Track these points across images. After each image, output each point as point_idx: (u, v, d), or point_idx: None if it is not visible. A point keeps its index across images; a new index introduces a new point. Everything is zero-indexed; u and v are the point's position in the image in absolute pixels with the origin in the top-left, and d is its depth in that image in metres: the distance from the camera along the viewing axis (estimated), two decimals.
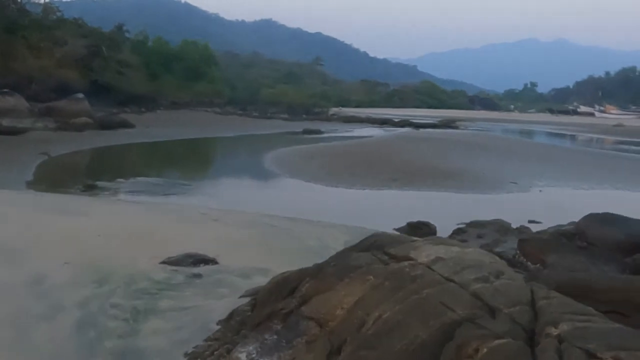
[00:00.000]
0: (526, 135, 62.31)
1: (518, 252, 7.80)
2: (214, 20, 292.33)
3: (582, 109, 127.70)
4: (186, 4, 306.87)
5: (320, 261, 7.29)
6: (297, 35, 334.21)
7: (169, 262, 6.48)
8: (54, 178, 18.59)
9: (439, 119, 74.16)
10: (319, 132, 48.56)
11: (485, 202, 17.32)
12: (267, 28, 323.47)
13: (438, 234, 12.37)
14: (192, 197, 16.06)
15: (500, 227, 11.38)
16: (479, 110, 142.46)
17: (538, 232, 10.80)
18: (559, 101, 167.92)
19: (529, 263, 7.26)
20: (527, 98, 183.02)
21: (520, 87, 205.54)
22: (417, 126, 61.56)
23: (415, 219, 13.92)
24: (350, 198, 17.04)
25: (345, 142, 36.74)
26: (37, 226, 7.78)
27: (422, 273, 4.06)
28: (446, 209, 15.71)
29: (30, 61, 44.50)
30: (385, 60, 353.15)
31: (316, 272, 4.48)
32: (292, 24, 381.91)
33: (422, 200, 17.21)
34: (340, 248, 7.99)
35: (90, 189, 16.94)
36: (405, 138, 40.24)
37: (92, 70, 51.99)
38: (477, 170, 22.83)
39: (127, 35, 66.68)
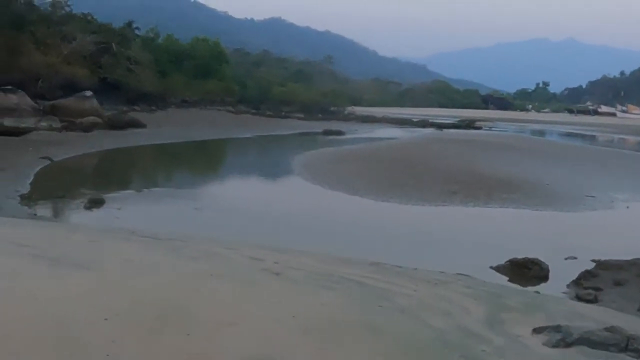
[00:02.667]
0: (558, 136, 59.28)
1: None
2: (223, 18, 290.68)
3: (603, 108, 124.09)
4: (195, 2, 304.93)
5: None
6: (306, 34, 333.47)
7: None
8: (54, 190, 15.76)
9: (457, 119, 71.91)
10: (340, 132, 45.86)
11: (573, 223, 14.39)
12: (276, 26, 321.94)
13: (551, 277, 9.45)
14: (226, 221, 13.06)
15: None
16: (493, 109, 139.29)
17: None
18: (572, 101, 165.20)
19: None
20: (539, 98, 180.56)
21: (531, 87, 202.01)
22: (440, 126, 58.83)
23: (501, 247, 11.11)
24: (412, 219, 14.09)
25: (374, 144, 33.86)
26: (4, 300, 4.83)
27: None
28: (535, 234, 12.74)
29: (37, 57, 42.31)
30: (394, 59, 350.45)
31: None
32: (301, 22, 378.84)
33: (498, 221, 14.27)
34: (483, 333, 5.06)
35: (95, 204, 14.10)
36: (436, 140, 37.42)
37: (101, 68, 49.56)
38: (538, 180, 19.89)
39: (136, 32, 64.10)
